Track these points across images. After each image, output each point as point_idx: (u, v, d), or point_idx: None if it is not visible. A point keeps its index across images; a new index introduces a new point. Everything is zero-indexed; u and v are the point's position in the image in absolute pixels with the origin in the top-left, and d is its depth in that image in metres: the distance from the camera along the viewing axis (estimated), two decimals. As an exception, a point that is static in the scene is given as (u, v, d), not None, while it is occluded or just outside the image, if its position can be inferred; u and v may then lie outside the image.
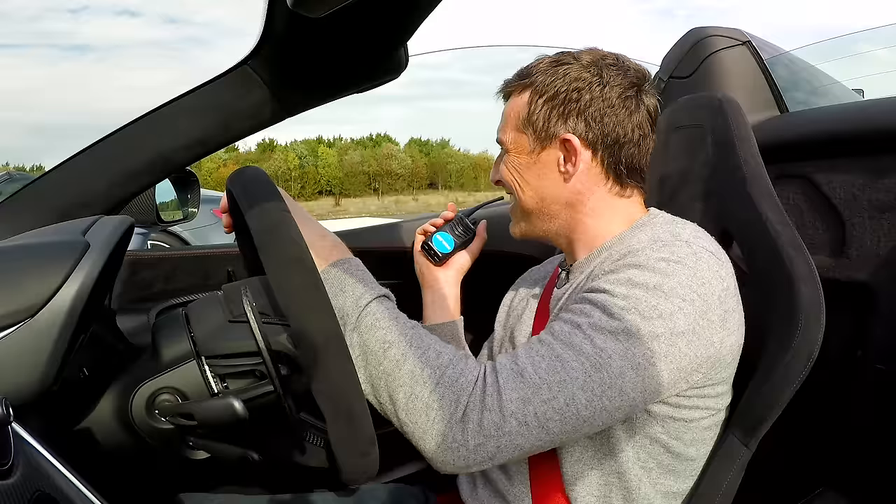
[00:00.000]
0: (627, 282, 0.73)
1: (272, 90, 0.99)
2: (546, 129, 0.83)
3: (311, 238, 0.75)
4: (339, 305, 0.73)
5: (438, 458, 0.70)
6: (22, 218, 0.93)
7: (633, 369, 0.69)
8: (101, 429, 0.74)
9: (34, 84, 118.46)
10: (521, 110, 0.85)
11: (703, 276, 0.73)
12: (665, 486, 0.81)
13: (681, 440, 0.79)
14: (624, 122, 0.81)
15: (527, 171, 0.85)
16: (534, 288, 1.00)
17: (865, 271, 1.08)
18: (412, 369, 0.70)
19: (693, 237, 0.78)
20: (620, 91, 0.81)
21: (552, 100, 0.82)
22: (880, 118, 1.10)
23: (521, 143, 0.85)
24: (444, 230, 1.09)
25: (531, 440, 0.69)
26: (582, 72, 0.82)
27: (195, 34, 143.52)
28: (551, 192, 0.85)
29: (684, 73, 1.38)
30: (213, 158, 58.68)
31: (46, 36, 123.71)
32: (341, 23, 0.83)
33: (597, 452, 0.79)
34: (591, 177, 0.83)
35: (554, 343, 0.71)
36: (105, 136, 0.98)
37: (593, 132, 0.81)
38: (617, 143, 0.82)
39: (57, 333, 0.64)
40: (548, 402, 0.68)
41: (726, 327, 0.74)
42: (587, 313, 0.72)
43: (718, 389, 0.78)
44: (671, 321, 0.70)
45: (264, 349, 0.66)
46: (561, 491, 0.82)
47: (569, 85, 0.81)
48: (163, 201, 1.32)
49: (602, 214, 0.85)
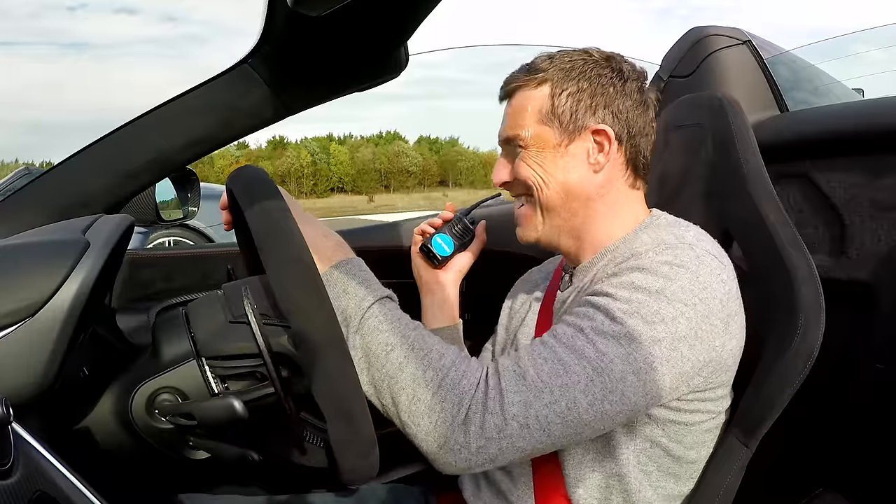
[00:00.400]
0: (630, 285, 0.73)
1: (272, 89, 0.99)
2: (574, 120, 0.83)
3: (314, 238, 0.75)
4: (341, 308, 0.73)
5: (441, 459, 0.70)
6: (22, 217, 0.93)
7: (634, 374, 0.69)
8: (101, 429, 0.74)
9: (32, 81, 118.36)
10: (541, 104, 0.84)
11: (705, 280, 0.73)
12: (665, 489, 0.81)
13: (681, 443, 0.79)
14: (641, 116, 0.84)
15: (552, 164, 0.84)
16: (535, 290, 1.00)
17: (865, 271, 1.08)
18: (414, 372, 0.70)
19: (697, 240, 0.78)
20: (637, 86, 0.85)
21: (578, 93, 0.83)
22: (880, 118, 1.10)
23: (544, 136, 0.84)
24: (443, 231, 1.05)
25: (532, 443, 0.69)
26: (601, 67, 0.84)
27: (193, 32, 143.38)
28: (578, 185, 0.84)
29: (684, 73, 1.37)
30: (226, 156, 58.48)
31: (44, 33, 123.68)
32: (341, 22, 0.83)
33: (597, 454, 0.79)
34: (616, 169, 0.85)
35: (556, 346, 0.71)
36: (105, 135, 0.98)
37: (620, 124, 0.83)
38: (638, 136, 0.84)
39: (57, 333, 0.64)
40: (549, 405, 0.68)
41: (728, 331, 0.74)
42: (590, 317, 0.72)
43: (719, 392, 0.78)
44: (673, 326, 0.70)
45: (265, 351, 0.66)
46: (563, 493, 0.82)
47: (592, 79, 0.83)
48: (163, 200, 1.32)
49: (616, 209, 0.85)
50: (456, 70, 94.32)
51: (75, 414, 0.73)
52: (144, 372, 0.73)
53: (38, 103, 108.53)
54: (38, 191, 0.97)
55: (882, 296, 1.05)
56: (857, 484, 1.10)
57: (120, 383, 0.74)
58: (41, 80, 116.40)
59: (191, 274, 1.27)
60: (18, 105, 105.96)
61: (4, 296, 0.64)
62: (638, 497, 0.79)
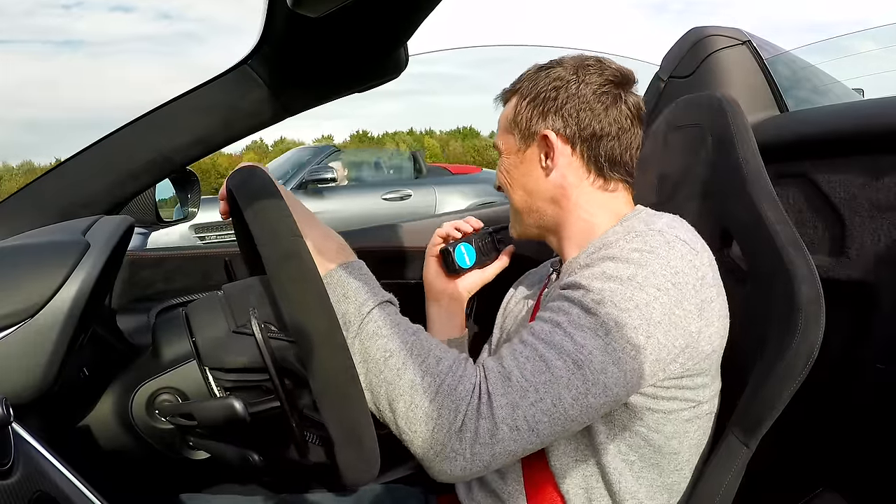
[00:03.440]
0: (602, 275, 0.74)
1: (272, 89, 0.99)
2: (528, 127, 0.88)
3: (316, 240, 0.75)
4: (342, 312, 0.73)
5: (436, 467, 0.70)
6: (22, 218, 0.93)
7: (614, 364, 0.70)
8: (101, 429, 0.74)
9: (27, 79, 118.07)
10: (508, 113, 0.91)
11: (676, 265, 0.74)
12: (649, 480, 0.81)
13: (661, 433, 0.79)
14: (600, 117, 0.85)
15: (515, 169, 0.91)
16: (530, 290, 1.00)
17: (865, 271, 1.07)
18: (412, 378, 0.70)
19: (667, 226, 0.79)
20: (595, 88, 0.85)
21: (533, 100, 0.87)
22: (880, 118, 1.10)
23: (509, 144, 0.91)
24: (468, 241, 1.02)
25: (522, 444, 0.69)
26: (561, 73, 0.87)
27: (189, 29, 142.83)
28: (536, 188, 0.89)
29: (684, 73, 1.37)
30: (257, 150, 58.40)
31: (40, 31, 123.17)
32: (341, 23, 0.83)
33: (578, 445, 0.81)
34: (573, 171, 0.86)
35: (537, 343, 0.72)
36: (105, 135, 0.98)
37: (570, 127, 0.85)
38: (594, 137, 0.85)
39: (57, 333, 0.64)
40: (535, 404, 0.68)
41: (703, 317, 0.75)
42: (566, 311, 0.73)
43: (698, 381, 0.78)
44: (647, 311, 0.71)
45: (275, 375, 0.66)
46: (553, 485, 0.83)
47: (548, 85, 0.86)
48: (163, 200, 1.32)
49: (587, 209, 0.87)
50: (451, 66, 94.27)
51: (75, 414, 0.74)
52: (144, 372, 0.73)
53: (34, 101, 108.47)
54: (38, 191, 0.97)
55: (882, 296, 1.05)
56: (857, 484, 1.10)
57: (120, 384, 0.74)
58: (37, 78, 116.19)
59: (191, 274, 1.27)
60: (14, 103, 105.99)
61: (4, 297, 0.64)
62: (619, 486, 0.80)
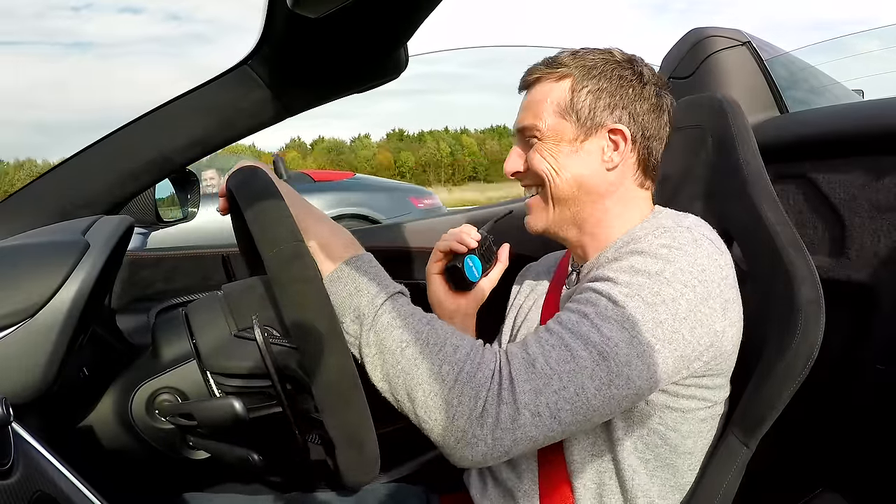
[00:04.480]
0: (630, 269, 0.74)
1: (272, 90, 0.99)
2: (592, 117, 0.84)
3: (324, 236, 0.75)
4: (355, 305, 0.73)
5: (457, 453, 0.70)
6: (22, 218, 0.93)
7: (638, 357, 0.70)
8: (100, 429, 0.74)
9: (37, 81, 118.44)
10: (560, 98, 0.85)
11: (703, 262, 0.74)
12: (662, 479, 0.81)
13: (678, 432, 0.79)
14: (656, 120, 0.86)
15: (567, 158, 0.85)
16: (538, 285, 1.00)
17: (865, 271, 1.07)
18: (430, 367, 0.70)
19: (695, 224, 0.80)
20: (656, 90, 0.86)
21: (598, 91, 0.84)
22: (880, 118, 1.10)
23: (561, 129, 0.85)
24: (472, 253, 0.96)
25: (544, 431, 0.69)
26: (622, 69, 0.85)
27: (197, 31, 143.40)
28: (589, 181, 0.85)
29: (684, 74, 1.37)
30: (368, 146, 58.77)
31: (49, 33, 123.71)
32: (341, 23, 0.83)
33: (596, 440, 0.81)
34: (627, 168, 0.86)
35: (563, 332, 0.72)
36: (105, 135, 0.98)
37: (635, 125, 0.84)
38: (651, 139, 0.86)
39: (57, 334, 0.64)
40: (558, 391, 0.68)
41: (727, 317, 0.75)
42: (593, 302, 0.73)
43: (717, 381, 0.79)
44: (674, 306, 0.71)
45: (278, 384, 0.66)
46: (567, 484, 0.83)
47: (613, 79, 0.84)
48: (162, 200, 1.32)
49: (625, 206, 0.87)
50: (454, 66, 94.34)
51: (75, 414, 0.73)
52: (144, 372, 0.73)
53: (44, 103, 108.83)
54: (38, 191, 0.97)
55: (882, 296, 1.05)
56: (857, 484, 1.10)
57: (120, 384, 0.74)
58: (46, 79, 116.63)
59: (191, 274, 1.27)
60: (24, 105, 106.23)
61: (4, 297, 0.64)
62: (633, 484, 0.80)
